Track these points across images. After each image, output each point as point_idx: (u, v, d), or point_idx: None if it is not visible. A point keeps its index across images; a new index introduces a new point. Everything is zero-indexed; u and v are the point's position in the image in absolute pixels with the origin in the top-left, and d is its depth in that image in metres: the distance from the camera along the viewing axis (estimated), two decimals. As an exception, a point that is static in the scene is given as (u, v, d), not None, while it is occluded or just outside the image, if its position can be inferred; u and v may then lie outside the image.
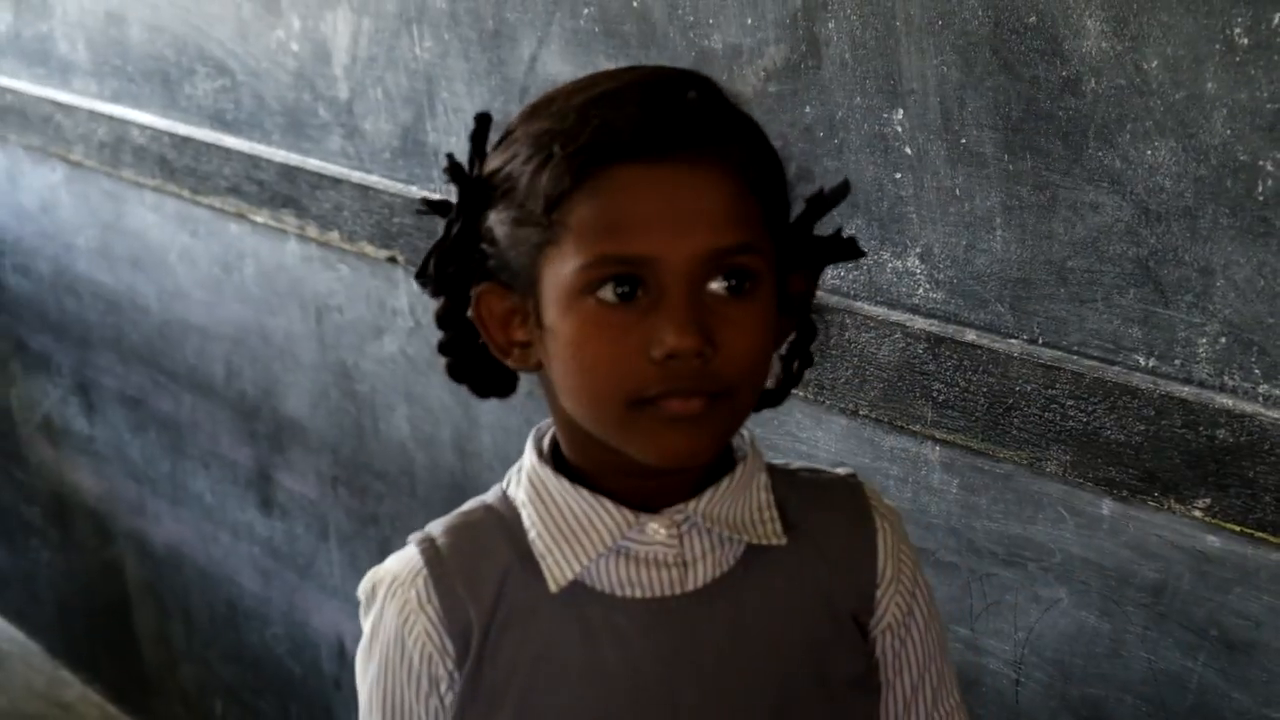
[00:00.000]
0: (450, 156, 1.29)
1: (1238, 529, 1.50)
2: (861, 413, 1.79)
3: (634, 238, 1.19)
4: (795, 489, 1.37)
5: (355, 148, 2.47)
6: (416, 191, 2.35)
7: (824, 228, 1.33)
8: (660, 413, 1.21)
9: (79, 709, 3.71)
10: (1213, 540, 1.54)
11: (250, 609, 3.12)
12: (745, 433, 1.35)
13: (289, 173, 2.59)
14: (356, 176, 2.46)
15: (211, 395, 3.05)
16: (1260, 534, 1.48)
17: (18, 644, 3.96)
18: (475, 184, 1.28)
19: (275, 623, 3.05)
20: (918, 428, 1.74)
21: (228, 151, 2.73)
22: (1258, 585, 1.51)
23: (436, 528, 1.35)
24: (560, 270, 1.22)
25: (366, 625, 1.37)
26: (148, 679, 3.56)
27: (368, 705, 1.38)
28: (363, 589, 1.37)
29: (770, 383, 1.34)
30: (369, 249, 2.46)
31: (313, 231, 2.57)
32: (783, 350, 1.36)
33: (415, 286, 2.41)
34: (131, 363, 3.28)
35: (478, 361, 1.35)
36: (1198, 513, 1.52)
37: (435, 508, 1.61)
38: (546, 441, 1.34)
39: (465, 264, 1.30)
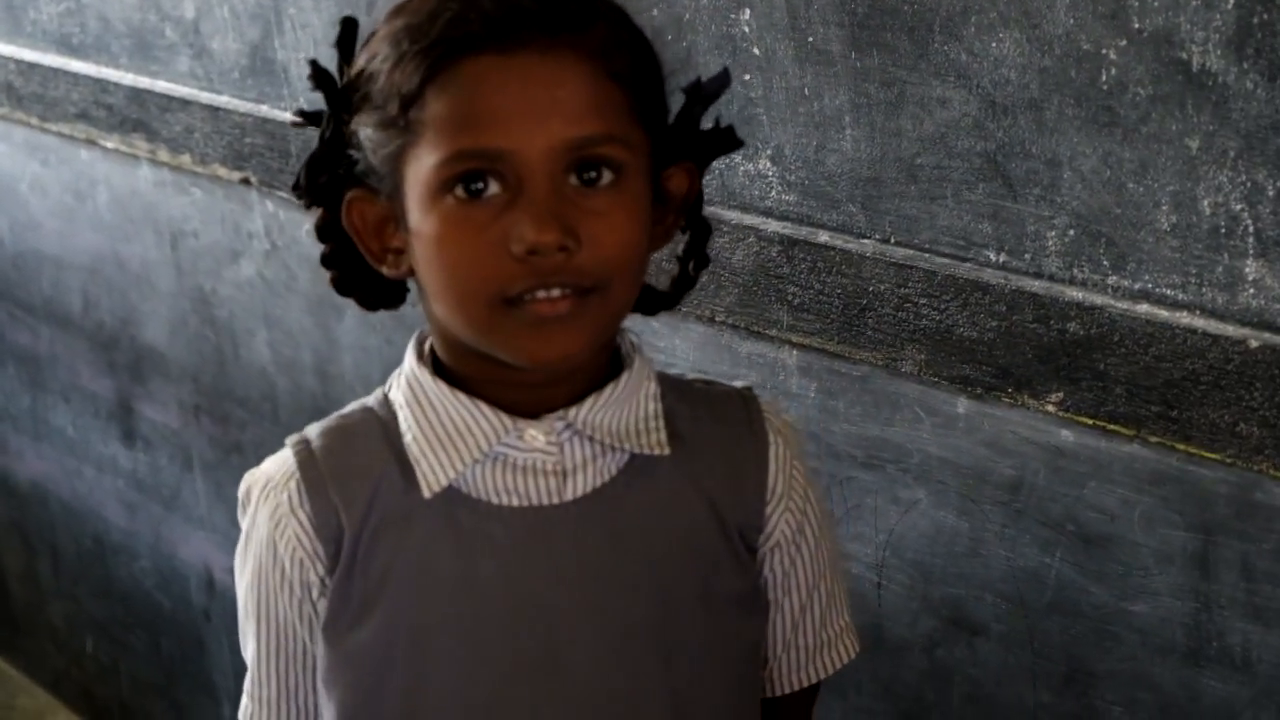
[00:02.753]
0: (314, 63, 1.25)
1: (1090, 422, 1.50)
2: (718, 319, 1.77)
3: (488, 131, 1.16)
4: (686, 400, 1.34)
5: (204, 68, 2.42)
6: (267, 111, 2.30)
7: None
8: (527, 314, 1.18)
9: (-52, 652, 3.65)
10: (1066, 435, 1.53)
11: (117, 543, 3.07)
12: (633, 339, 1.32)
13: (138, 96, 2.53)
14: (206, 97, 2.41)
15: (69, 327, 2.99)
16: (1112, 426, 1.48)
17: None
18: (340, 90, 1.25)
19: (143, 556, 3.01)
20: (774, 332, 1.72)
21: (75, 76, 2.66)
22: (1111, 478, 1.51)
23: (313, 430, 1.33)
24: (419, 169, 1.19)
25: (244, 527, 1.34)
26: (16, 618, 3.50)
27: (244, 607, 1.35)
28: (240, 490, 1.34)
29: (666, 284, 1.34)
30: (221, 171, 2.41)
31: (164, 155, 2.52)
32: (679, 251, 1.35)
33: (270, 208, 2.39)
34: (-14, 297, 3.22)
35: (362, 273, 1.31)
36: (1051, 408, 1.52)
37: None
38: (428, 345, 1.31)
39: (336, 172, 1.26)
